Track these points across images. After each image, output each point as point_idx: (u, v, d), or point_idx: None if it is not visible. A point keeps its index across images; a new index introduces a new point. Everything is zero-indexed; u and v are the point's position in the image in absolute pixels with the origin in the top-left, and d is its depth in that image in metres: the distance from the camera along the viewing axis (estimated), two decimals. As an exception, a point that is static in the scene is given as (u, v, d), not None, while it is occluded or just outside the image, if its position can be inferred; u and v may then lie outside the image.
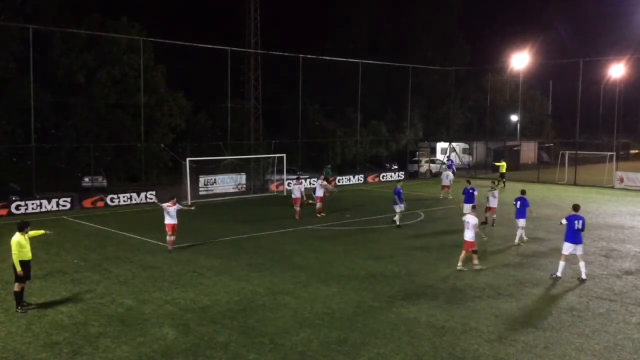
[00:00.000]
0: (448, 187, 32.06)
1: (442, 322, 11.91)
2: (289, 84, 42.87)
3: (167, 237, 18.35)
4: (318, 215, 25.61)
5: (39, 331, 11.44)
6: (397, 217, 22.89)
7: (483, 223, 21.79)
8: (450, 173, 33.20)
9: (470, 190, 22.61)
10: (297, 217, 24.76)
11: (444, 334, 11.28)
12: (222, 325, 11.71)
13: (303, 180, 27.14)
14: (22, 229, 12.88)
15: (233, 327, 11.61)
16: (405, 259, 17.45)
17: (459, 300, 13.37)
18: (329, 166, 38.26)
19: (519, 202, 19.74)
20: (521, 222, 19.61)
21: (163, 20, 49.11)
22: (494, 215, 22.82)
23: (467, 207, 20.97)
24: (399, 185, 23.40)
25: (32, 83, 28.79)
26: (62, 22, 36.40)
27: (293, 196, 25.44)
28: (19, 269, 12.51)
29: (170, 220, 18.23)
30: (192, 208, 21.50)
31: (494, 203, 22.53)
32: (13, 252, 12.63)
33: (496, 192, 22.83)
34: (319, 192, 26.04)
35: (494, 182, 23.77)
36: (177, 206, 18.51)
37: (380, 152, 53.78)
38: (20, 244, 12.67)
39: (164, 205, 18.25)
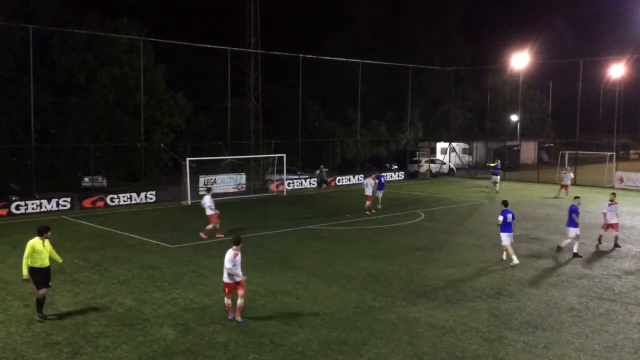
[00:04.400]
0: (567, 186, 32.20)
1: (442, 322, 11.91)
2: (289, 84, 42.84)
3: (225, 299, 12.23)
4: (367, 212, 25.97)
5: (39, 331, 11.44)
6: (566, 242, 18.36)
7: (599, 243, 19.45)
8: (571, 174, 32.97)
9: (510, 214, 16.98)
10: (217, 235, 20.42)
11: (444, 334, 11.28)
12: (222, 325, 11.70)
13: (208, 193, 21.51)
14: (41, 233, 11.96)
15: (233, 327, 11.61)
16: (405, 259, 17.45)
17: (459, 300, 13.37)
18: (325, 170, 35.55)
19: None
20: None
21: (163, 20, 49.08)
22: (617, 232, 19.49)
23: (506, 238, 16.80)
24: (576, 203, 18.22)
25: (32, 83, 28.79)
26: (62, 22, 36.38)
27: (208, 213, 20.59)
28: (24, 272, 11.82)
29: (230, 277, 11.88)
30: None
31: (613, 218, 19.23)
32: (25, 254, 11.86)
33: (614, 206, 19.29)
34: (368, 191, 26.26)
35: (613, 194, 19.92)
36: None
37: (380, 152, 53.78)
38: (34, 248, 11.80)
39: (228, 255, 11.79)
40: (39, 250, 11.84)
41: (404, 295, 13.78)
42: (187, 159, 30.98)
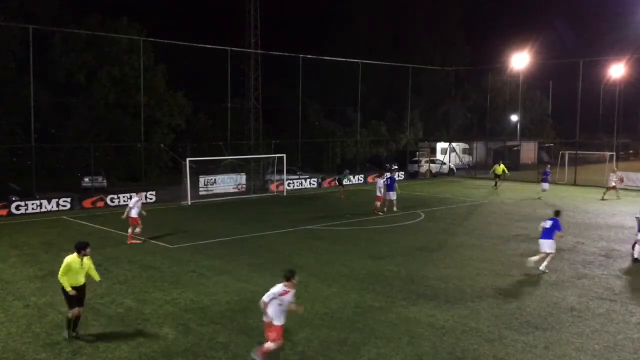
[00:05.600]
0: (615, 187, 32.10)
1: (442, 322, 11.91)
2: (289, 84, 42.85)
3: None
4: (378, 213, 26.01)
5: (39, 331, 11.44)
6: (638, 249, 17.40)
7: None
8: (618, 173, 32.69)
9: (549, 221, 16.21)
10: (130, 241, 19.82)
11: (444, 334, 11.28)
12: (222, 325, 11.70)
13: (139, 197, 20.46)
14: (79, 250, 10.94)
15: (233, 327, 11.61)
16: (405, 259, 17.44)
17: (459, 300, 13.36)
18: (347, 171, 37.42)
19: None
20: None
21: (163, 20, 49.08)
22: None
23: (542, 245, 16.06)
24: None
25: (32, 83, 28.78)
26: (62, 22, 36.39)
27: (131, 215, 19.82)
28: (67, 288, 10.81)
29: (278, 319, 9.68)
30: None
31: None
32: (60, 272, 10.89)
33: None
34: (378, 192, 26.50)
35: None
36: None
37: (380, 152, 53.78)
38: (70, 266, 10.83)
39: (275, 290, 9.57)
40: (75, 269, 10.92)
41: (404, 295, 13.78)
42: (187, 159, 30.98)
